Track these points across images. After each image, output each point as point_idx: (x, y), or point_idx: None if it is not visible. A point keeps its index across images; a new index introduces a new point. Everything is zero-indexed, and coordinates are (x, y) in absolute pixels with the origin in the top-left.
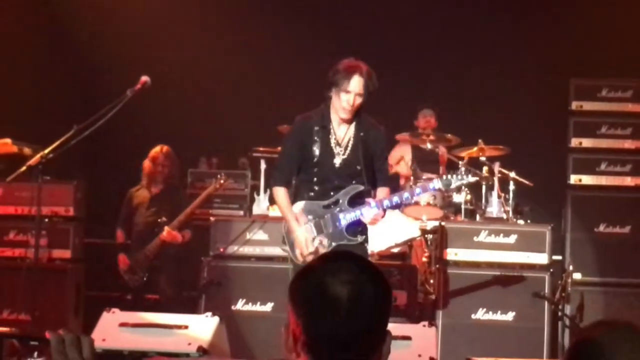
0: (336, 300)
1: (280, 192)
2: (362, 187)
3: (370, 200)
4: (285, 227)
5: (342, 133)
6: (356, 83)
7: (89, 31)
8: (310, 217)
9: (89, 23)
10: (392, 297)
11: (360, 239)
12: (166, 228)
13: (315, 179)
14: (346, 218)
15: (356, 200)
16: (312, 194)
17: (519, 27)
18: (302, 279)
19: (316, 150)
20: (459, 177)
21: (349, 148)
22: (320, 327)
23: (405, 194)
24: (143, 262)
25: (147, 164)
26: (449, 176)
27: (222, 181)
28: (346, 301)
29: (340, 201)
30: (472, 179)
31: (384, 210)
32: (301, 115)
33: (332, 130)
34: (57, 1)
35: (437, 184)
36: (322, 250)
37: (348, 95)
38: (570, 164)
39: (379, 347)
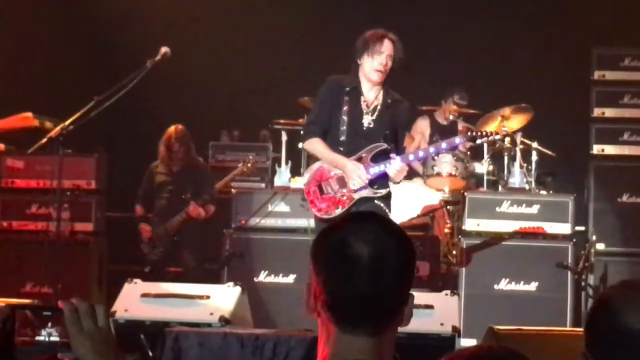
0: (357, 259)
1: (315, 141)
2: (385, 145)
3: (394, 155)
4: (305, 185)
5: (372, 97)
6: (387, 45)
7: (108, 3)
8: (335, 172)
9: None
10: (415, 260)
11: (384, 191)
12: (192, 202)
13: (342, 137)
14: (370, 172)
15: (380, 157)
16: (340, 152)
17: None
18: (324, 237)
19: (345, 110)
20: (484, 133)
21: (377, 112)
22: (340, 286)
23: (431, 148)
24: (163, 237)
25: (161, 149)
26: (474, 133)
27: (249, 164)
28: (367, 261)
29: (364, 156)
30: (497, 137)
31: (408, 165)
32: (333, 75)
33: (362, 92)
34: None
35: (461, 139)
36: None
37: (381, 56)
38: (593, 133)
39: (400, 309)
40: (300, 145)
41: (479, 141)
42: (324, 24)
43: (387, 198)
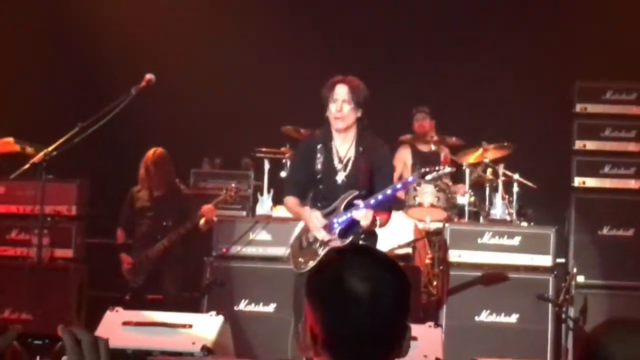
0: (356, 296)
1: (290, 199)
2: (356, 192)
3: (358, 202)
4: (292, 240)
5: (344, 150)
6: (340, 90)
7: (93, 29)
8: None
9: (93, 21)
10: (410, 292)
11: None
12: (207, 206)
13: (320, 195)
14: (339, 222)
15: (352, 205)
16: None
17: (523, 29)
18: (320, 273)
19: (319, 167)
20: (436, 168)
21: (349, 165)
22: (340, 323)
23: (388, 190)
24: (145, 264)
25: (141, 171)
26: (425, 169)
27: (232, 192)
28: (367, 298)
29: (337, 208)
30: (447, 170)
31: (375, 209)
32: (305, 138)
33: (333, 148)
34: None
35: (414, 177)
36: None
37: (335, 103)
38: (574, 166)
39: (399, 342)
40: (282, 174)
41: (428, 177)
42: (308, 53)
43: (367, 237)
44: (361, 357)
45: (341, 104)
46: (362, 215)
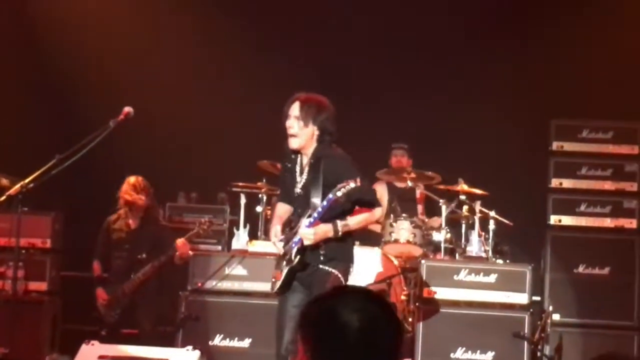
0: (348, 329)
1: (278, 206)
2: (309, 213)
3: (303, 220)
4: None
5: (304, 161)
6: (292, 108)
7: (71, 62)
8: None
9: (72, 53)
10: (402, 328)
11: (318, 264)
12: (181, 241)
13: (292, 202)
14: (294, 241)
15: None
16: (292, 223)
17: (500, 67)
18: (313, 308)
19: (289, 178)
20: (342, 186)
21: (305, 176)
22: (332, 356)
23: (315, 214)
24: (121, 299)
25: (121, 198)
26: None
27: (205, 227)
28: (358, 330)
29: (294, 225)
30: (351, 185)
31: (323, 219)
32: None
33: (298, 160)
34: (37, 31)
35: (331, 194)
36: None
37: (288, 119)
38: (550, 204)
39: None
40: (258, 208)
41: (339, 193)
42: (286, 88)
43: (337, 262)
44: None
45: (292, 121)
46: (304, 234)
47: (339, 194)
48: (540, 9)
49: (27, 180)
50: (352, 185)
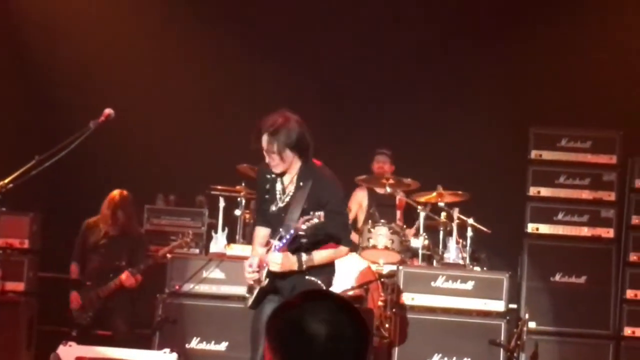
0: (314, 338)
1: (255, 231)
2: (284, 231)
3: (272, 241)
4: None
5: (287, 182)
6: (263, 142)
7: (52, 63)
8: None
9: (52, 55)
10: (371, 337)
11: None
12: (126, 272)
13: (270, 223)
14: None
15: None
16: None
17: (480, 75)
18: (280, 315)
19: (268, 197)
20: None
21: (289, 196)
22: None
23: (291, 230)
24: (94, 302)
25: (105, 211)
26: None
27: (187, 239)
28: (324, 340)
29: (272, 242)
30: (316, 220)
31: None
32: (263, 163)
33: (279, 179)
34: (18, 31)
35: (295, 224)
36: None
37: (266, 154)
38: (528, 212)
39: None
40: (236, 212)
41: (303, 226)
42: (266, 92)
43: (319, 270)
44: None
45: (270, 156)
46: (271, 260)
47: (303, 227)
48: (521, 19)
49: (6, 181)
50: (315, 221)
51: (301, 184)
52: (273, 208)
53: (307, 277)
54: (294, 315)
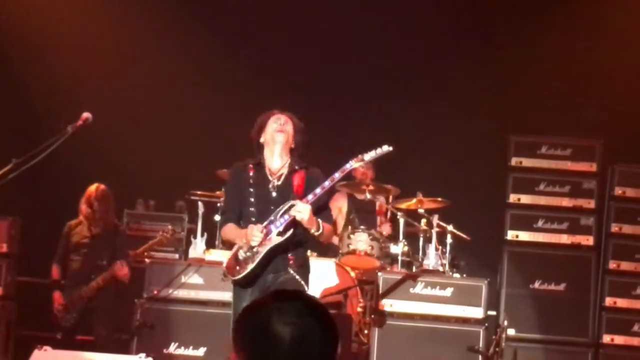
0: (279, 340)
1: (228, 226)
2: (291, 202)
3: (294, 201)
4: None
5: (277, 165)
6: (282, 116)
7: (29, 67)
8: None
9: (30, 58)
10: (338, 342)
11: (289, 233)
12: (119, 262)
13: (253, 209)
14: (277, 226)
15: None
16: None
17: (461, 82)
18: (247, 315)
19: (252, 183)
20: (372, 153)
21: (282, 178)
22: None
23: (326, 182)
24: (78, 303)
25: (83, 207)
26: (363, 154)
27: (168, 235)
28: (289, 343)
29: (273, 218)
30: (386, 149)
31: (313, 203)
32: (236, 162)
33: (266, 166)
34: None
35: (352, 162)
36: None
37: (277, 121)
38: (508, 219)
39: None
40: (216, 217)
41: (367, 157)
42: (241, 98)
43: (304, 270)
44: None
45: (284, 121)
46: (300, 208)
47: (367, 157)
48: (502, 28)
49: None
50: (384, 148)
51: (295, 167)
52: (269, 187)
53: (296, 276)
54: (262, 316)
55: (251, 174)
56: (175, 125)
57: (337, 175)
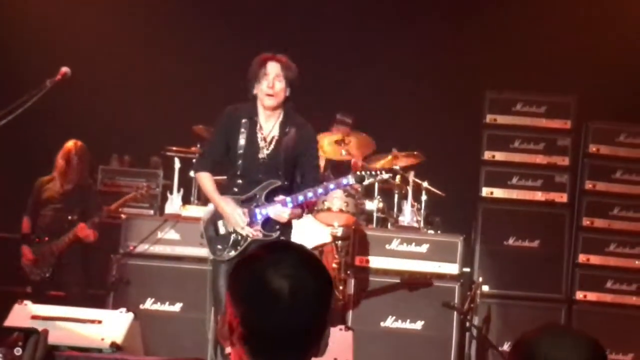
0: (276, 294)
1: (204, 176)
2: (279, 183)
3: (285, 198)
4: (203, 222)
5: (269, 128)
6: (273, 67)
7: (6, 21)
8: None
9: (9, 10)
10: (332, 291)
11: (275, 234)
12: (81, 223)
13: (239, 172)
14: (262, 213)
15: (274, 196)
16: (235, 189)
17: (436, 38)
18: (242, 269)
19: (242, 142)
20: (373, 173)
21: (272, 144)
22: (260, 320)
23: (320, 189)
24: (48, 258)
25: (59, 161)
26: (362, 172)
27: (143, 191)
28: (287, 296)
29: (257, 196)
30: (385, 175)
31: (301, 207)
32: (231, 105)
33: (258, 124)
34: None
35: (350, 179)
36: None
37: (267, 79)
38: (483, 176)
39: (317, 341)
40: (191, 173)
41: (366, 182)
42: (220, 52)
43: (287, 229)
44: (278, 353)
45: (273, 81)
46: (278, 213)
47: (366, 182)
48: None
49: None
50: (384, 175)
51: (287, 129)
52: (259, 155)
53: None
54: (257, 271)
55: (242, 130)
56: (151, 79)
57: (332, 186)
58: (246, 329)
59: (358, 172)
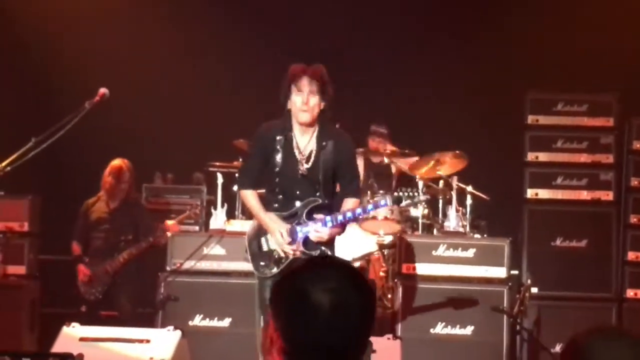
0: (318, 308)
1: (248, 194)
2: (320, 201)
3: (325, 217)
4: (247, 238)
5: (304, 142)
6: (305, 82)
7: (47, 44)
8: None
9: (47, 36)
10: (375, 307)
11: (315, 252)
12: (166, 222)
13: (277, 188)
14: (302, 231)
15: (315, 213)
16: (276, 205)
17: (476, 42)
18: (284, 283)
19: (278, 159)
20: (411, 194)
21: (311, 158)
22: (300, 334)
23: (358, 210)
24: (103, 277)
25: (107, 179)
26: (400, 193)
27: (197, 210)
28: (328, 310)
29: (299, 213)
30: (422, 197)
31: (342, 225)
32: (265, 123)
33: (294, 139)
34: (10, 13)
35: (388, 200)
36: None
37: (300, 94)
38: (527, 178)
39: (358, 356)
40: (235, 188)
41: (403, 204)
42: (259, 67)
43: (329, 245)
44: None
45: (307, 96)
46: (319, 232)
47: (403, 204)
48: None
49: (3, 164)
50: (421, 197)
51: (324, 143)
52: (298, 171)
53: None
54: (298, 284)
55: (278, 147)
56: (192, 96)
57: (370, 207)
58: (286, 342)
59: (396, 193)
